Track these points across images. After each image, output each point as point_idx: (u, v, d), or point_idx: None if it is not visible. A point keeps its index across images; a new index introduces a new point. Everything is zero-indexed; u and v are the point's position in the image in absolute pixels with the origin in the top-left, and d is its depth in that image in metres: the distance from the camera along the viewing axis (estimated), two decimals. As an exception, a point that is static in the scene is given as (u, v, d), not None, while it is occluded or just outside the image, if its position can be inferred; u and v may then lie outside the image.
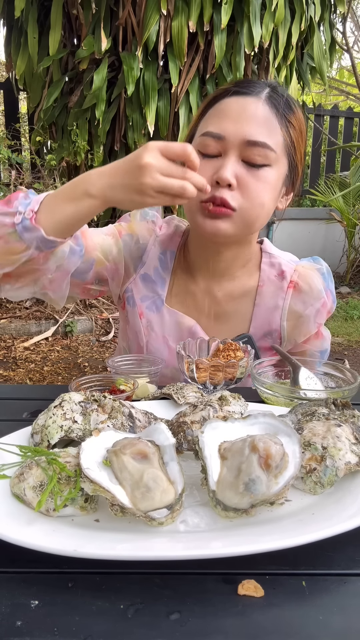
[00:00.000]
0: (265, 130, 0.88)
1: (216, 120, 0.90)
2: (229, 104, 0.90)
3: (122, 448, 0.57)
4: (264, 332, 1.04)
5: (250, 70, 3.53)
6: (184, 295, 1.06)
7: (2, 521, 0.51)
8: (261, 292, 1.03)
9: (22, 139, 4.50)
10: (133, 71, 3.18)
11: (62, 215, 0.80)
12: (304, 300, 1.03)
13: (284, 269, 1.04)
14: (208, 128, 0.90)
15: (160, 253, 1.06)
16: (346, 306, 4.63)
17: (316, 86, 7.25)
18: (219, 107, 0.91)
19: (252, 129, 0.87)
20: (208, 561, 0.49)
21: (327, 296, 1.04)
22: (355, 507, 0.54)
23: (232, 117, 0.88)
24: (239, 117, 0.88)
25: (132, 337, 1.09)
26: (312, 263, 1.08)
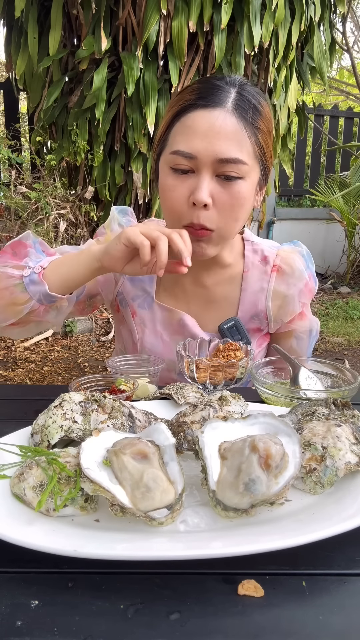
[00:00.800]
0: (236, 145, 0.88)
1: (185, 138, 0.88)
2: (196, 120, 0.88)
3: (122, 448, 0.57)
4: (251, 314, 1.08)
5: (250, 70, 3.53)
6: (173, 287, 1.09)
7: (2, 521, 0.52)
8: (247, 278, 1.08)
9: (22, 139, 4.50)
10: (133, 71, 3.18)
11: (65, 274, 0.92)
12: (287, 281, 1.07)
13: (266, 255, 1.09)
14: (178, 146, 0.89)
15: None
16: (346, 306, 4.63)
17: (316, 86, 7.24)
18: (186, 122, 0.89)
19: (223, 146, 0.86)
20: (208, 561, 0.49)
21: (309, 277, 1.10)
22: (355, 507, 0.54)
23: (200, 135, 0.87)
24: (207, 135, 0.86)
25: (127, 335, 1.12)
26: (292, 247, 1.13)
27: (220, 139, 0.86)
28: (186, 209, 0.90)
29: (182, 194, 0.90)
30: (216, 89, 0.90)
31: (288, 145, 4.16)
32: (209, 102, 0.88)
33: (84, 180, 3.64)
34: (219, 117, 0.87)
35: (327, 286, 5.30)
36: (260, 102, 0.92)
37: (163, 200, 0.95)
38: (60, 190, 3.56)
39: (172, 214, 0.93)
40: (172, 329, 1.08)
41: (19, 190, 3.61)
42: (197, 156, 0.87)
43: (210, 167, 0.88)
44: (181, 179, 0.90)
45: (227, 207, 0.90)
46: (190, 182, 0.89)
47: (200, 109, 0.88)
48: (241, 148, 0.88)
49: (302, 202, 6.57)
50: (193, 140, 0.87)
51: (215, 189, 0.89)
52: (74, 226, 3.70)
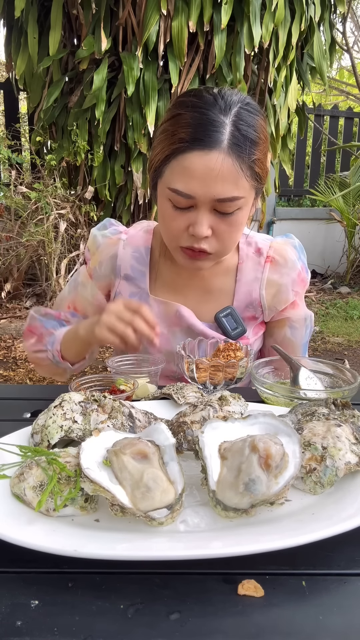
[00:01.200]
0: (233, 185, 0.89)
1: (183, 179, 0.90)
2: (193, 163, 0.88)
3: (122, 448, 0.57)
4: (246, 303, 1.12)
5: (250, 70, 3.52)
6: (169, 280, 1.13)
7: (2, 521, 0.52)
8: (241, 269, 1.12)
9: (22, 139, 4.50)
10: (133, 71, 3.18)
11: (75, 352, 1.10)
12: (280, 271, 1.11)
13: (260, 246, 1.13)
14: (176, 186, 0.90)
15: (133, 251, 1.13)
16: (346, 306, 4.63)
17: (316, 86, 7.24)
18: (183, 163, 0.89)
19: (220, 188, 0.89)
20: (208, 561, 0.49)
21: (301, 267, 1.13)
22: (355, 507, 0.54)
23: (198, 178, 0.88)
24: (205, 178, 0.88)
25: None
26: (285, 239, 1.17)
27: (217, 182, 0.88)
28: (186, 236, 0.96)
29: (181, 225, 0.95)
30: (211, 126, 0.88)
31: (288, 145, 4.16)
32: (205, 145, 0.88)
33: (84, 180, 3.64)
34: (216, 160, 0.88)
35: (327, 286, 5.30)
36: (256, 129, 0.92)
37: (162, 224, 1.00)
38: (60, 190, 3.56)
39: (172, 239, 0.99)
40: (169, 321, 1.11)
41: (19, 190, 3.61)
42: (195, 197, 0.90)
43: (208, 204, 0.92)
44: (181, 212, 0.94)
45: (226, 235, 0.96)
46: (190, 215, 0.93)
47: (197, 150, 0.88)
48: (238, 186, 0.90)
49: (302, 202, 6.57)
50: (190, 182, 0.89)
51: (214, 221, 0.93)
52: (74, 226, 3.70)
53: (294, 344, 1.15)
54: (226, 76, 3.42)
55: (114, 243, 1.14)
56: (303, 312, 1.16)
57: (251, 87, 3.64)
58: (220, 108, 0.89)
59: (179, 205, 0.93)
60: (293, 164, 5.79)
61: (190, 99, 0.91)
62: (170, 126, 0.92)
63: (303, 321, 1.16)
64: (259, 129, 0.92)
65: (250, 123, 0.91)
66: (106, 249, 1.14)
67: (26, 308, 3.80)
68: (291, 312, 1.14)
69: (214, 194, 0.89)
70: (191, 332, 1.09)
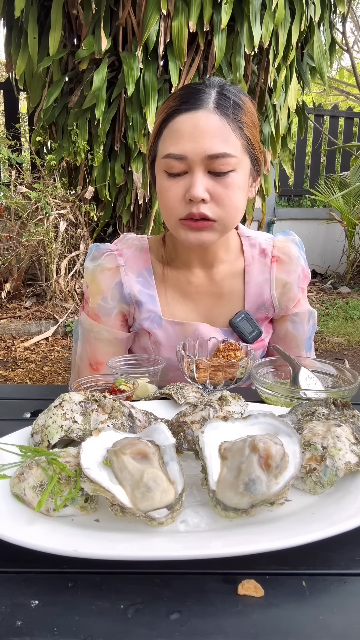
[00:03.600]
0: (222, 141, 0.92)
1: (174, 142, 0.93)
2: (182, 123, 0.93)
3: (122, 448, 0.57)
4: (258, 305, 1.12)
5: (250, 70, 3.52)
6: (180, 291, 1.11)
7: (2, 521, 0.52)
8: (249, 271, 1.12)
9: (22, 139, 4.50)
10: (133, 71, 3.18)
11: None
12: (287, 269, 1.12)
13: (264, 247, 1.13)
14: (168, 150, 0.94)
15: (137, 276, 1.09)
16: (346, 306, 4.63)
17: (316, 86, 7.25)
18: (173, 127, 0.94)
19: (210, 143, 0.91)
20: (208, 561, 0.49)
21: (304, 263, 1.15)
22: (355, 507, 0.54)
23: (187, 136, 0.92)
24: (194, 135, 0.92)
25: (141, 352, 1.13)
26: (286, 236, 1.18)
27: (206, 137, 0.91)
28: (183, 205, 0.95)
29: (178, 193, 0.94)
30: (197, 92, 0.95)
31: (288, 145, 4.16)
32: (191, 106, 0.93)
33: (84, 180, 3.64)
34: (202, 117, 0.92)
35: (327, 286, 5.30)
36: (240, 98, 0.97)
37: (161, 201, 0.99)
38: (60, 190, 3.56)
39: (170, 211, 0.97)
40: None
41: (19, 190, 3.61)
42: (187, 156, 0.92)
43: (201, 164, 0.92)
44: (176, 180, 0.95)
45: (225, 198, 0.94)
46: (185, 181, 0.94)
47: (184, 112, 0.93)
48: (227, 142, 0.92)
49: (302, 202, 6.57)
50: (181, 142, 0.92)
51: (210, 184, 0.93)
52: (74, 226, 3.70)
53: (297, 338, 1.16)
54: (226, 76, 3.42)
55: (114, 273, 1.08)
56: (305, 308, 1.16)
57: (251, 87, 3.64)
58: (206, 84, 0.97)
59: (174, 171, 0.94)
60: (293, 164, 5.80)
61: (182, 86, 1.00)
62: (162, 106, 1.00)
63: (305, 316, 1.16)
64: (243, 99, 0.98)
65: (233, 92, 0.97)
66: (107, 282, 1.08)
67: (26, 308, 3.80)
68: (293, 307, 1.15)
69: (204, 149, 0.91)
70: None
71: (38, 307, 3.80)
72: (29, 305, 3.84)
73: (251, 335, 1.09)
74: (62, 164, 3.57)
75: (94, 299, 1.09)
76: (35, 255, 3.76)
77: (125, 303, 1.09)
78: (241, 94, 0.99)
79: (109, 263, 1.09)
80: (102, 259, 1.10)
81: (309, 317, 1.17)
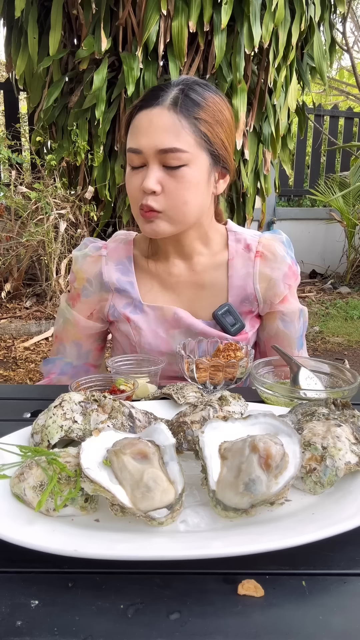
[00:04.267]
0: (173, 136, 0.97)
1: (133, 137, 1.00)
2: (140, 120, 1.00)
3: (122, 448, 0.57)
4: (241, 298, 1.13)
5: (250, 70, 3.52)
6: (160, 282, 1.15)
7: (2, 521, 0.52)
8: (232, 265, 1.14)
9: (22, 139, 4.49)
10: (133, 71, 3.18)
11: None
12: (270, 266, 1.13)
13: (249, 242, 1.15)
14: (129, 145, 1.01)
15: (116, 264, 1.15)
16: (346, 306, 4.62)
17: (316, 86, 7.24)
18: (134, 123, 1.01)
19: (160, 138, 0.97)
20: (208, 561, 0.49)
21: (291, 261, 1.16)
22: (355, 507, 0.54)
23: (143, 132, 0.98)
24: (148, 130, 0.98)
25: (123, 340, 1.16)
26: (273, 235, 1.19)
27: (158, 132, 0.97)
28: (140, 196, 1.01)
29: (136, 184, 1.01)
30: (158, 91, 1.01)
31: (288, 145, 4.16)
32: (149, 103, 0.99)
33: (84, 180, 3.64)
34: (157, 114, 0.98)
35: (327, 286, 5.30)
36: (204, 96, 1.01)
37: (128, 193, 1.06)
38: (60, 190, 3.56)
39: (132, 201, 1.05)
40: (167, 325, 1.12)
41: (19, 190, 3.61)
42: (142, 150, 0.98)
43: (155, 158, 0.98)
44: (136, 172, 1.02)
45: (174, 191, 0.99)
46: (142, 174, 1.00)
47: (143, 109, 1.00)
48: (178, 138, 0.97)
49: (302, 202, 6.57)
50: (137, 138, 0.99)
51: (163, 177, 0.99)
52: (74, 226, 3.70)
53: (288, 336, 1.17)
54: (226, 76, 3.42)
55: (95, 261, 1.15)
56: (294, 306, 1.18)
57: (251, 87, 3.64)
58: (171, 83, 1.03)
59: (134, 164, 1.01)
60: (293, 164, 5.79)
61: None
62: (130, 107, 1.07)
63: (295, 315, 1.18)
64: (207, 97, 1.01)
65: (196, 90, 1.01)
66: (90, 267, 1.15)
67: (26, 308, 3.80)
68: (281, 305, 1.16)
69: (156, 143, 0.97)
70: (190, 333, 1.10)
71: (38, 307, 3.80)
72: (29, 305, 3.84)
73: (234, 327, 1.11)
74: (62, 164, 3.57)
75: (79, 282, 1.16)
76: (35, 255, 3.75)
77: (105, 291, 1.14)
78: (208, 92, 1.03)
79: (91, 252, 1.17)
80: (87, 248, 1.18)
81: (299, 315, 1.18)
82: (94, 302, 1.16)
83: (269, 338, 1.19)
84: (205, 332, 1.09)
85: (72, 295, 1.18)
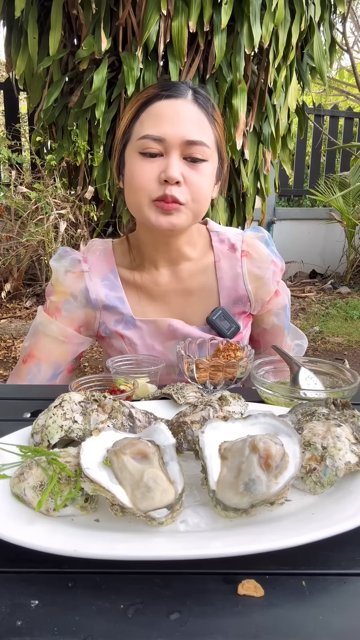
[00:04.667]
0: (200, 130, 0.97)
1: (153, 124, 0.96)
2: (163, 108, 0.97)
3: (122, 448, 0.57)
4: (233, 299, 1.13)
5: (250, 70, 3.52)
6: (148, 292, 1.12)
7: (2, 521, 0.52)
8: (220, 267, 1.13)
9: (22, 139, 4.49)
10: (133, 71, 3.17)
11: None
12: (258, 266, 1.14)
13: (233, 242, 1.14)
14: (147, 131, 0.96)
15: (102, 279, 1.10)
16: (346, 306, 4.62)
17: (316, 86, 7.25)
18: (153, 110, 0.97)
19: (189, 129, 0.96)
20: (208, 561, 0.49)
21: (274, 257, 1.16)
22: (355, 507, 0.54)
23: (168, 120, 0.96)
24: (174, 119, 0.96)
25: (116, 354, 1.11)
26: (254, 232, 1.19)
27: (186, 123, 0.96)
28: (157, 186, 0.96)
29: (152, 173, 0.96)
30: (176, 84, 1.01)
31: (288, 145, 4.16)
32: (173, 93, 0.98)
33: (84, 180, 3.64)
34: (183, 105, 0.97)
35: (327, 286, 5.30)
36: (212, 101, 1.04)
37: (132, 183, 0.98)
38: (60, 190, 3.56)
39: (143, 192, 0.97)
40: (162, 337, 1.10)
41: (19, 190, 3.61)
42: (165, 138, 0.95)
43: (178, 148, 0.95)
44: (151, 160, 0.96)
45: (197, 184, 0.97)
46: (160, 163, 0.96)
47: (165, 98, 0.97)
48: (204, 132, 0.98)
49: (302, 202, 6.57)
50: (161, 125, 0.95)
51: (184, 168, 0.97)
52: (74, 226, 3.70)
53: (281, 328, 1.21)
54: (226, 76, 3.42)
55: (78, 277, 1.09)
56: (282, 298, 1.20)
57: (251, 87, 3.64)
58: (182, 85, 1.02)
59: (150, 152, 0.96)
60: (293, 164, 5.79)
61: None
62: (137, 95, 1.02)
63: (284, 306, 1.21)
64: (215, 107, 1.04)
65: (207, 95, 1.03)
66: (73, 283, 1.09)
67: (26, 308, 3.80)
68: (274, 301, 1.18)
69: (183, 133, 0.95)
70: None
71: (38, 307, 3.80)
72: (29, 305, 3.84)
73: (229, 331, 1.10)
74: (62, 164, 3.56)
75: (59, 295, 1.10)
76: (35, 255, 3.75)
77: (92, 308, 1.10)
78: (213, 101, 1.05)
79: (72, 267, 1.10)
80: (66, 261, 1.11)
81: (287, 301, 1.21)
82: (78, 318, 1.10)
83: (264, 333, 1.21)
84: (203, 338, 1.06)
85: (50, 310, 1.11)
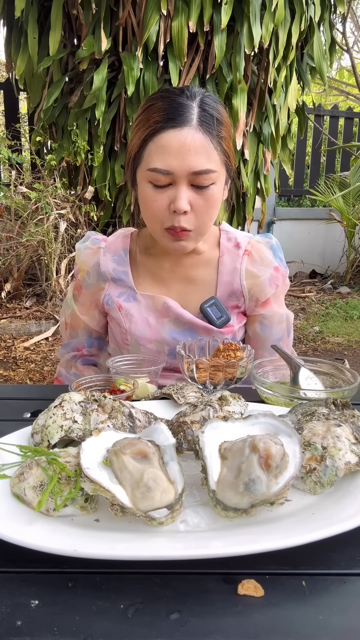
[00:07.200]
0: (205, 158, 0.99)
1: (160, 157, 0.99)
2: (168, 140, 0.98)
3: (122, 448, 0.57)
4: (228, 293, 1.17)
5: (250, 70, 3.52)
6: (153, 275, 1.19)
7: (2, 521, 0.52)
8: (222, 262, 1.18)
9: (22, 139, 4.49)
10: (133, 71, 3.17)
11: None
12: (257, 267, 1.17)
13: (239, 241, 1.19)
14: (155, 165, 0.99)
15: (113, 255, 1.19)
16: (346, 306, 4.62)
17: (316, 86, 7.25)
18: (159, 142, 0.99)
19: (194, 160, 0.98)
20: (208, 561, 0.49)
21: (278, 264, 1.20)
22: (355, 507, 0.54)
23: (174, 153, 0.98)
24: (180, 152, 0.98)
25: (115, 328, 1.20)
26: (263, 238, 1.23)
27: (191, 155, 0.98)
28: (168, 216, 1.02)
29: (163, 204, 1.02)
30: (180, 108, 1.00)
31: (288, 146, 4.16)
32: (177, 123, 0.98)
33: (84, 180, 3.64)
34: (188, 135, 0.98)
35: (327, 286, 5.30)
36: (220, 112, 1.04)
37: (145, 209, 1.07)
38: (60, 190, 3.56)
39: (155, 220, 1.05)
40: (157, 313, 1.16)
41: (19, 190, 3.61)
42: (173, 172, 0.98)
43: (185, 179, 0.99)
44: (161, 191, 1.01)
45: (203, 210, 1.03)
46: (169, 193, 1.01)
47: (170, 129, 0.98)
48: (210, 159, 1.00)
49: (302, 202, 6.57)
50: (168, 159, 0.98)
51: (192, 196, 1.01)
52: (74, 226, 3.70)
53: (262, 339, 1.21)
54: (226, 76, 3.42)
55: (95, 252, 1.20)
56: (276, 311, 1.20)
57: (251, 87, 3.64)
58: (187, 96, 1.02)
59: (159, 184, 1.00)
60: (293, 164, 5.79)
61: (160, 93, 1.04)
62: (144, 115, 1.03)
63: (274, 319, 1.20)
64: (222, 112, 1.04)
65: (213, 106, 1.03)
66: (88, 258, 1.20)
67: (26, 308, 3.80)
68: (263, 309, 1.19)
69: (190, 166, 0.97)
70: (179, 322, 1.14)
71: (38, 307, 3.80)
72: (29, 305, 3.84)
73: (219, 320, 1.14)
74: (62, 164, 3.56)
75: (81, 273, 1.21)
76: (35, 255, 3.75)
77: (102, 281, 1.19)
78: (218, 104, 1.05)
79: (91, 244, 1.22)
80: (89, 241, 1.23)
81: (279, 320, 1.21)
82: (93, 293, 1.20)
83: (247, 339, 1.24)
84: (193, 322, 1.13)
85: (77, 286, 1.24)
